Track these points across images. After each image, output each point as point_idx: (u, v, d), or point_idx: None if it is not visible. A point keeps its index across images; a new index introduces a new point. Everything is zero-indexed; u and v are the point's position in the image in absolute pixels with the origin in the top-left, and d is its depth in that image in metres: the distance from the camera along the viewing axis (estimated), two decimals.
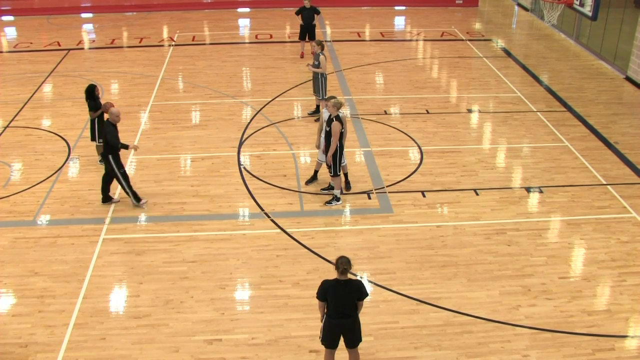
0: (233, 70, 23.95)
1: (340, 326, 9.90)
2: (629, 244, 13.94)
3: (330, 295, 9.66)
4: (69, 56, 25.46)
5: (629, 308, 12.08)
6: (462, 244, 13.90)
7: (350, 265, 9.63)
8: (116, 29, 29.36)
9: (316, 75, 18.93)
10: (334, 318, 9.80)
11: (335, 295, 9.66)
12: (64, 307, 11.98)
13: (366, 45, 27.28)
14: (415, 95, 21.59)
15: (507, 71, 24.05)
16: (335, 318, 9.80)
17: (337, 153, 14.63)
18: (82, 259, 13.30)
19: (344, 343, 10.12)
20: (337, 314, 9.77)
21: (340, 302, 9.72)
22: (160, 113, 20.09)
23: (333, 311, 9.75)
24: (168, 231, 14.22)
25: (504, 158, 17.55)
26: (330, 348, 10.18)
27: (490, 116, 20.12)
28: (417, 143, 18.13)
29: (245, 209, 15.15)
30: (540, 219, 14.85)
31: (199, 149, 17.80)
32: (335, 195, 15.18)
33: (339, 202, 15.19)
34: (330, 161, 14.75)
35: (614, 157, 17.60)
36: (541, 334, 11.45)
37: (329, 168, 15.03)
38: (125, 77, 23.14)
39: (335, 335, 10.01)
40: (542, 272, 13.03)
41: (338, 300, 9.69)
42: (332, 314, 9.79)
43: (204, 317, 11.78)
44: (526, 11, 32.79)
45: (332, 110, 14.59)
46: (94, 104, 16.19)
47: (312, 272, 12.88)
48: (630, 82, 23.00)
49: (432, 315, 11.86)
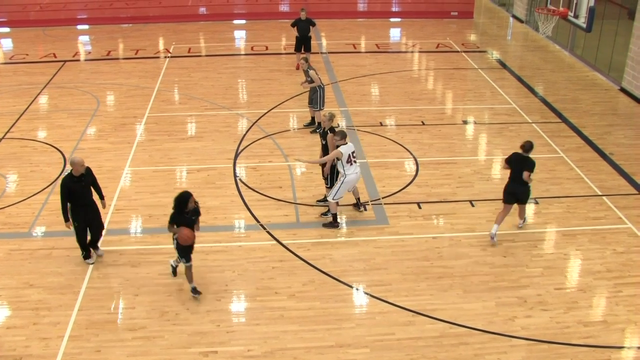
0: (229, 81, 23.98)
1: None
2: (624, 255, 13.95)
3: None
4: (64, 68, 25.48)
5: (625, 319, 12.07)
6: (458, 255, 13.89)
7: None
8: (112, 41, 29.40)
9: (314, 88, 18.96)
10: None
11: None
12: (59, 320, 11.93)
13: (362, 56, 27.35)
14: (411, 107, 21.63)
15: (502, 82, 24.11)
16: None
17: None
18: (78, 271, 13.27)
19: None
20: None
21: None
22: (156, 125, 20.09)
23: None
24: (163, 243, 14.18)
25: (499, 169, 17.56)
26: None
27: (485, 127, 20.15)
28: (412, 154, 18.14)
29: (241, 220, 15.13)
30: (536, 230, 14.86)
31: (195, 161, 17.79)
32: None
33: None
34: (327, 172, 14.75)
35: (609, 168, 17.63)
36: (537, 345, 11.43)
37: (325, 180, 15.03)
38: (121, 89, 23.15)
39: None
40: (538, 283, 13.02)
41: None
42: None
43: (200, 329, 11.74)
44: (521, 23, 32.90)
45: (327, 123, 14.63)
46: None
47: (307, 283, 12.86)
48: (625, 93, 23.06)
49: (428, 326, 11.84)
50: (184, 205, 11.85)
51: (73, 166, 12.68)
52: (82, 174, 12.79)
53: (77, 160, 12.71)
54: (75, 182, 12.71)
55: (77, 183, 12.73)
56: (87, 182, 12.96)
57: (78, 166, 12.69)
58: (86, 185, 12.95)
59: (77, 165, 12.68)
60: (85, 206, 12.99)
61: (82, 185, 12.82)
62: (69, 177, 12.72)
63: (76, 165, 12.68)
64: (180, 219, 11.93)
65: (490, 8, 37.29)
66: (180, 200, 11.86)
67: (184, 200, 11.85)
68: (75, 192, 12.72)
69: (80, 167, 12.71)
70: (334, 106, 21.34)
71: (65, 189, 12.66)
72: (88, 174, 12.98)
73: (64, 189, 12.65)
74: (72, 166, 12.69)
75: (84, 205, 12.96)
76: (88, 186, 13.01)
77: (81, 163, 12.72)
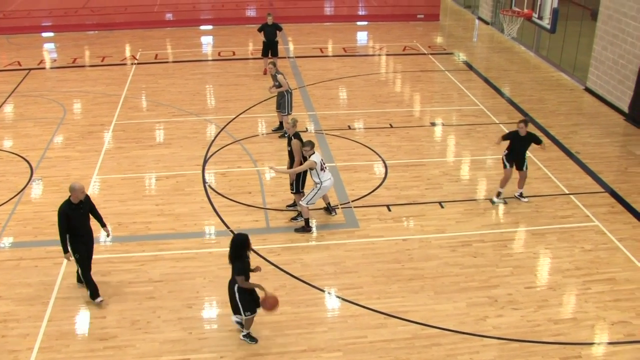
0: (196, 87, 23.89)
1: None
2: (592, 252, 14.11)
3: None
4: (30, 76, 25.22)
5: (594, 315, 12.21)
6: (428, 256, 13.95)
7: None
8: (77, 48, 29.15)
9: (281, 92, 18.96)
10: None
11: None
12: (28, 331, 11.79)
13: (329, 60, 27.40)
14: (379, 110, 21.70)
15: (469, 84, 24.28)
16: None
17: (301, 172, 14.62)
18: (46, 282, 13.12)
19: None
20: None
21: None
22: (124, 132, 19.96)
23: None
24: (133, 251, 14.10)
25: (468, 170, 17.69)
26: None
27: (453, 129, 20.28)
28: (381, 157, 18.20)
29: (211, 226, 15.08)
30: (505, 230, 14.98)
31: (163, 168, 17.70)
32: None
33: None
34: (293, 178, 14.74)
35: (575, 167, 17.82)
36: (509, 344, 11.51)
37: (290, 185, 15.02)
38: (88, 97, 22.96)
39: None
40: (508, 282, 13.12)
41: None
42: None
43: (171, 337, 11.67)
44: (487, 24, 33.17)
45: (291, 129, 14.64)
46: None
47: (279, 288, 12.83)
48: (590, 93, 23.33)
49: (400, 328, 11.87)
50: (246, 248, 10.82)
51: (72, 192, 11.81)
52: (80, 201, 11.95)
53: (77, 187, 11.82)
54: (74, 210, 11.87)
55: (75, 210, 11.89)
56: (86, 210, 12.20)
57: (78, 192, 11.82)
58: (85, 213, 12.17)
59: (77, 192, 11.82)
60: (85, 235, 12.22)
61: (81, 212, 12.01)
62: (67, 204, 11.83)
63: (76, 192, 11.81)
64: (247, 265, 10.91)
65: (456, 10, 37.55)
66: (242, 243, 10.80)
67: (246, 243, 10.82)
68: (74, 220, 11.89)
69: (80, 194, 11.85)
70: (301, 110, 21.35)
71: (64, 216, 11.78)
72: (87, 201, 12.19)
73: (63, 216, 11.77)
74: (72, 192, 11.82)
75: (84, 234, 12.20)
76: (87, 214, 12.25)
77: (82, 190, 11.87)
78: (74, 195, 11.81)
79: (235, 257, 10.76)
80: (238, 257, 10.75)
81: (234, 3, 35.32)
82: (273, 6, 34.03)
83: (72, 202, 11.85)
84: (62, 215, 11.77)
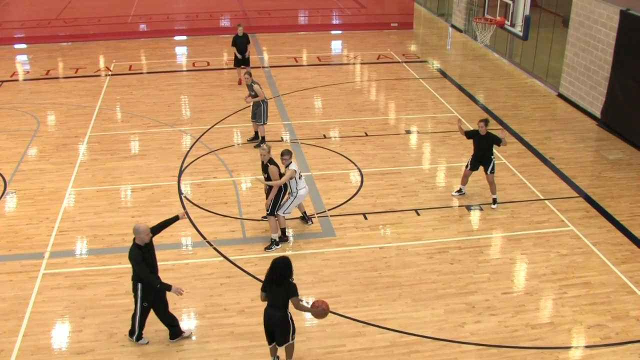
0: (171, 98, 23.81)
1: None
2: (568, 257, 14.21)
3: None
4: (2, 88, 25.01)
5: (571, 319, 12.29)
6: (406, 264, 13.98)
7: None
8: (51, 60, 28.95)
9: (257, 102, 18.94)
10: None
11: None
12: (2, 347, 11.65)
13: (303, 70, 27.43)
14: (354, 118, 21.75)
15: (443, 92, 24.41)
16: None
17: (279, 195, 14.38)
18: (21, 296, 12.99)
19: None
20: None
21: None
22: (99, 144, 19.84)
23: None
24: (110, 263, 14.00)
25: (443, 177, 17.77)
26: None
27: (428, 136, 20.37)
28: (357, 166, 18.24)
29: (188, 238, 15.02)
30: (481, 236, 15.05)
31: (139, 179, 17.61)
32: (274, 239, 14.66)
33: (278, 247, 14.61)
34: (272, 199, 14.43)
35: (550, 172, 17.97)
36: (487, 349, 11.56)
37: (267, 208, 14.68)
38: (62, 108, 22.80)
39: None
40: (485, 288, 13.18)
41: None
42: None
43: (149, 349, 11.60)
44: (460, 32, 33.37)
45: (266, 156, 14.22)
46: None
47: (256, 299, 12.76)
48: (563, 99, 23.55)
49: (378, 336, 11.88)
50: (291, 269, 10.45)
51: (137, 235, 10.95)
52: (146, 244, 11.10)
53: (142, 229, 10.97)
54: (145, 252, 11.04)
55: (146, 253, 11.07)
56: (153, 252, 11.34)
57: (143, 235, 10.97)
58: (153, 255, 11.34)
59: (142, 234, 10.96)
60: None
61: (150, 254, 11.20)
62: (136, 248, 10.98)
63: (141, 234, 10.94)
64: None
65: (430, 18, 37.76)
66: (287, 264, 10.44)
67: (290, 263, 10.47)
68: (146, 263, 11.05)
69: (146, 236, 10.99)
70: (277, 120, 21.35)
71: (141, 259, 10.92)
72: (151, 243, 11.30)
73: (140, 259, 10.94)
74: (136, 235, 10.96)
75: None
76: (155, 256, 11.42)
77: (147, 232, 11.01)
78: (139, 237, 10.98)
79: (282, 279, 10.35)
80: (285, 278, 10.37)
81: (208, 13, 35.34)
82: (247, 16, 34.05)
83: (140, 245, 11.01)
84: (138, 258, 10.94)
